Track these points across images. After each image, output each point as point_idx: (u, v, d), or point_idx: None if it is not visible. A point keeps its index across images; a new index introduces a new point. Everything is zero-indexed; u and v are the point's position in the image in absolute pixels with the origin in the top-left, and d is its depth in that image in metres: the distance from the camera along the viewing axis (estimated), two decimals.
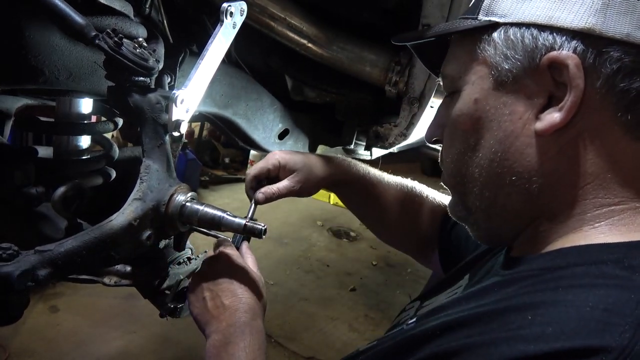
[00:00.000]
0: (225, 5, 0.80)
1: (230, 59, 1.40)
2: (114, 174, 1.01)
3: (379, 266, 4.13)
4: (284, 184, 0.92)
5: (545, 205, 0.55)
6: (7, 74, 0.81)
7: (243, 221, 0.81)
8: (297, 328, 3.10)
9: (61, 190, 0.78)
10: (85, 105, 0.96)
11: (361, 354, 0.61)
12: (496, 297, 0.51)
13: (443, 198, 1.06)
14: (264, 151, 1.59)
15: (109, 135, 1.14)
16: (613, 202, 0.51)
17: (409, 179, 1.09)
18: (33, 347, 2.55)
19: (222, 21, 0.81)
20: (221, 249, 0.85)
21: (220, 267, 0.81)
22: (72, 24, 0.72)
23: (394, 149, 1.56)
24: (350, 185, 1.02)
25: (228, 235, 0.92)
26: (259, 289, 0.80)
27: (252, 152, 5.47)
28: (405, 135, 1.41)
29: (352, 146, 1.61)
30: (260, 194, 0.90)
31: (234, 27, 0.83)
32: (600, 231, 0.51)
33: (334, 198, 5.59)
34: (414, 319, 0.63)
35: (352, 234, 4.77)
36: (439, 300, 0.70)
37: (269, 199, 0.90)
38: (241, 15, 0.84)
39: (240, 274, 0.80)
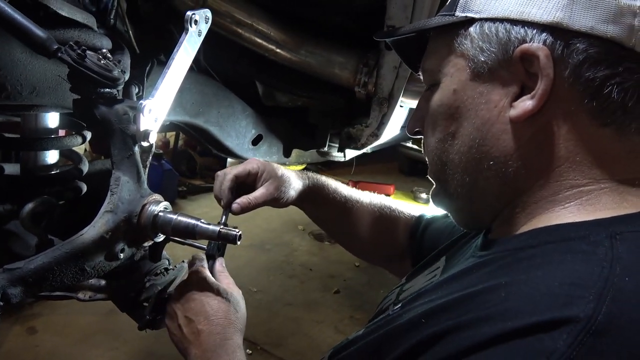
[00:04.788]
0: (189, 13, 0.80)
1: (199, 67, 1.40)
2: (84, 188, 0.99)
3: (361, 267, 4.14)
4: (260, 191, 0.92)
5: (520, 188, 0.59)
6: None
7: (217, 228, 0.81)
8: (283, 334, 3.08)
9: (29, 206, 0.77)
10: (52, 119, 0.95)
11: (351, 344, 0.64)
12: (474, 279, 0.55)
13: (412, 210, 1.10)
14: (238, 158, 1.58)
15: (81, 149, 1.12)
16: (582, 183, 0.55)
17: (379, 195, 1.12)
18: None
19: (187, 29, 0.81)
20: (192, 268, 0.86)
21: (192, 291, 0.82)
22: (33, 38, 0.71)
23: (367, 150, 1.57)
24: (324, 200, 1.04)
25: (203, 243, 0.92)
26: (231, 306, 0.81)
27: (229, 160, 5.44)
28: (377, 135, 1.43)
29: (325, 148, 1.62)
30: (236, 204, 0.90)
31: (199, 35, 0.83)
32: (569, 211, 0.55)
33: None
34: (399, 305, 0.66)
35: None
36: (419, 282, 0.73)
37: (245, 209, 0.90)
38: (206, 23, 0.84)
39: (212, 296, 0.81)
